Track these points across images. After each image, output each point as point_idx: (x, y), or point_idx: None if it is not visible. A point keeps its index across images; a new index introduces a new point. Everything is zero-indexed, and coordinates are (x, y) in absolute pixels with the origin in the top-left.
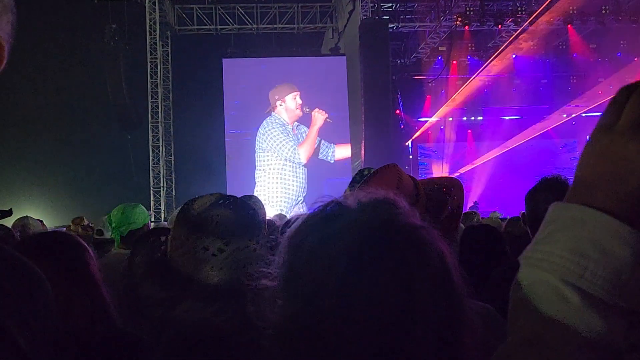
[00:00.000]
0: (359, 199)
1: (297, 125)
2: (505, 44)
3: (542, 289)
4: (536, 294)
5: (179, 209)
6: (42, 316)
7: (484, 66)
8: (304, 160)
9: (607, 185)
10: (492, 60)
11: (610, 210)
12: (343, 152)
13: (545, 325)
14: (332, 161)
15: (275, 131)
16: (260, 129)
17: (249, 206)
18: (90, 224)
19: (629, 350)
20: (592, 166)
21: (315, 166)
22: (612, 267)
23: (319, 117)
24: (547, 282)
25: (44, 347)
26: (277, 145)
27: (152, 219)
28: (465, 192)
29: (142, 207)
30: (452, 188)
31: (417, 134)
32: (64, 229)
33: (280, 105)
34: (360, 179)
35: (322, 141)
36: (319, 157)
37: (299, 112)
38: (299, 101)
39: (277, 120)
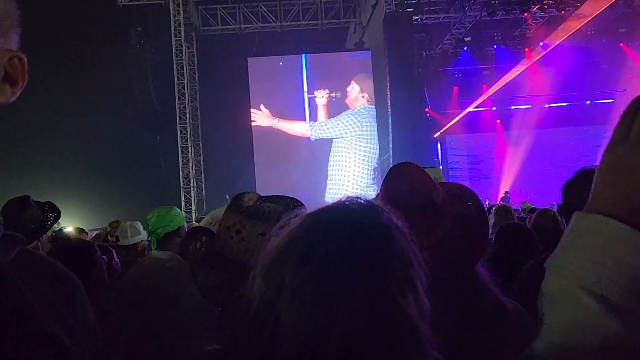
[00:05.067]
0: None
1: None
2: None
3: (562, 295)
4: (557, 301)
5: (213, 211)
6: (82, 318)
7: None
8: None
9: (621, 196)
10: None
11: (624, 219)
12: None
13: (566, 329)
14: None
15: None
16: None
17: (293, 201)
18: None
19: None
20: (607, 178)
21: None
22: (627, 273)
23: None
24: (567, 288)
25: (86, 346)
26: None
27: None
28: (496, 182)
29: (177, 209)
30: (459, 195)
31: (449, 124)
32: (100, 231)
33: None
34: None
35: None
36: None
37: None
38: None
39: None
